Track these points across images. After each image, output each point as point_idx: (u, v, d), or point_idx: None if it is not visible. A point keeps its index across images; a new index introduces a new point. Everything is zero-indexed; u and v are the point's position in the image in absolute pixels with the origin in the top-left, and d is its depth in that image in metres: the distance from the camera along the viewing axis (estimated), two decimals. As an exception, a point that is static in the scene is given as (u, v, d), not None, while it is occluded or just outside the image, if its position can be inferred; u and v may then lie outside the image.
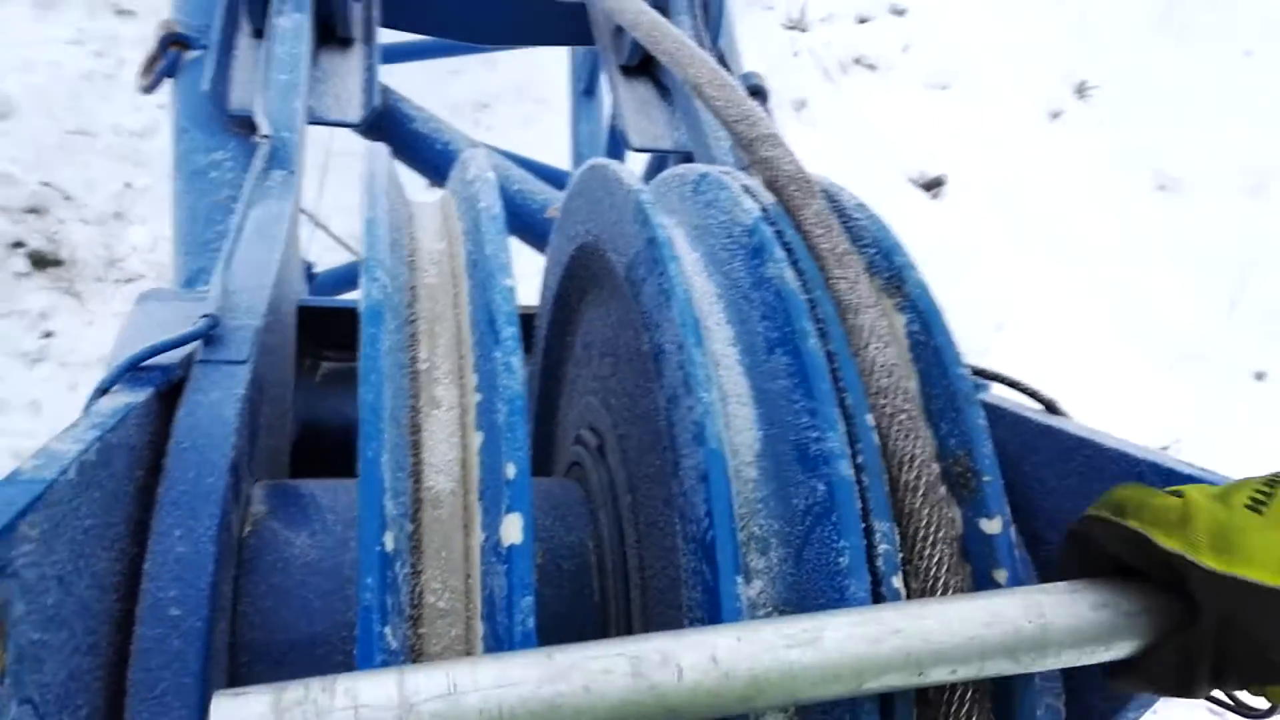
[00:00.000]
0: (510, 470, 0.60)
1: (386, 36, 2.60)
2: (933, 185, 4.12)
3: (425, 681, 0.49)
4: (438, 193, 1.06)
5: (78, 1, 3.98)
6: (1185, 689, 0.60)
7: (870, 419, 0.67)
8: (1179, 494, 0.61)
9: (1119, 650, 0.59)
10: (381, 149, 0.83)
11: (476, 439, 0.64)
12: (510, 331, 0.64)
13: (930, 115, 4.45)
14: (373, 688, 0.49)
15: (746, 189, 0.84)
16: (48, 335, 2.93)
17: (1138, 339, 3.52)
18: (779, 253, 0.75)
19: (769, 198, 0.84)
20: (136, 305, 1.01)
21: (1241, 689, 0.59)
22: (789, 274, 0.73)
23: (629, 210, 0.81)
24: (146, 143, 3.52)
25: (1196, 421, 3.16)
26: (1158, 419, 3.14)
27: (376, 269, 0.66)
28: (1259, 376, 3.44)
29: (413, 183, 1.58)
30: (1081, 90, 4.54)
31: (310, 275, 2.21)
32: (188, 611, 0.69)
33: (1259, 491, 0.58)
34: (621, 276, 0.83)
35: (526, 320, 1.32)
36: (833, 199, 0.86)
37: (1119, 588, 0.60)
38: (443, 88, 4.26)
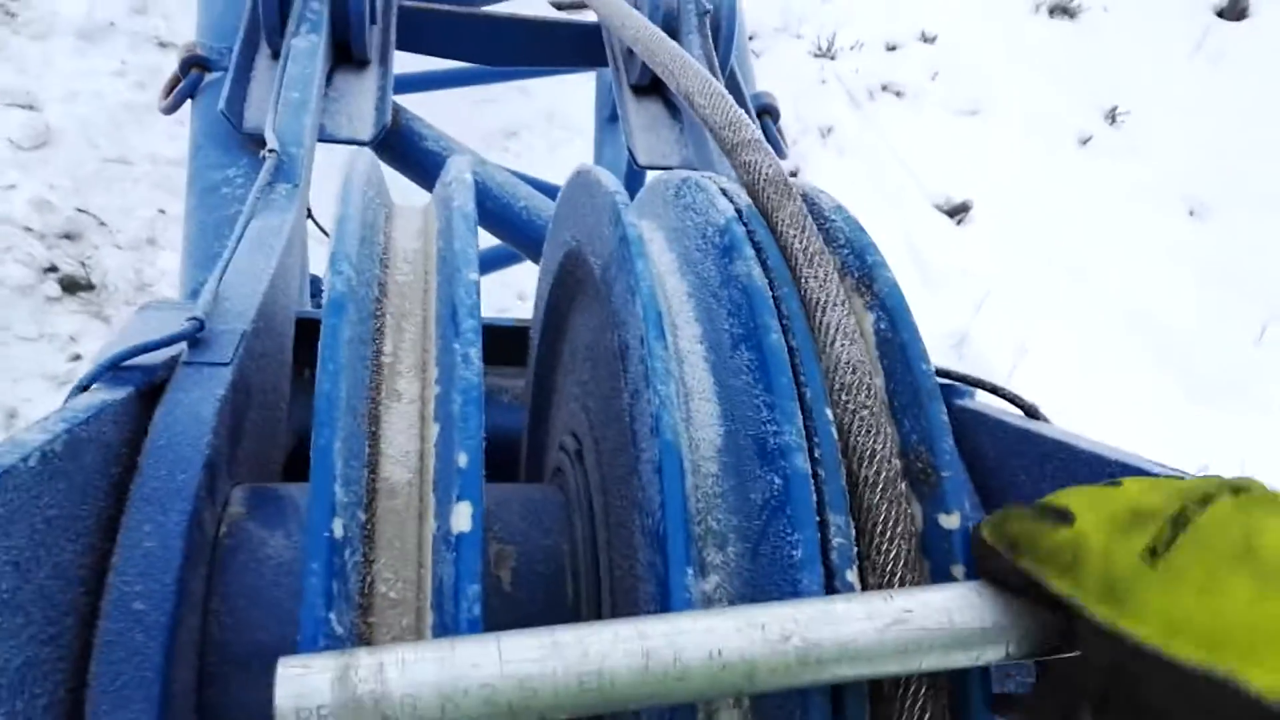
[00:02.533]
0: (462, 459, 0.60)
1: (417, 65, 2.67)
2: (958, 211, 4.10)
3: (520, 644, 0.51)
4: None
5: (122, 34, 4.09)
6: None
7: (830, 414, 0.66)
8: (1068, 516, 0.58)
9: (1010, 653, 0.58)
10: (366, 153, 0.84)
11: (434, 431, 0.64)
12: (470, 324, 0.65)
13: (958, 141, 4.43)
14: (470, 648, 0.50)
15: (724, 191, 0.85)
16: (76, 358, 3.00)
17: (1165, 365, 3.46)
18: (748, 251, 0.75)
19: (745, 200, 0.84)
20: (135, 313, 1.04)
21: None
22: (756, 271, 0.73)
23: (606, 212, 0.82)
24: (181, 171, 3.59)
25: (1224, 448, 3.09)
26: (1185, 446, 3.08)
27: (342, 262, 0.67)
28: (1291, 405, 3.37)
29: (423, 199, 1.60)
30: (1113, 116, 4.50)
31: (320, 290, 2.24)
32: (152, 606, 0.69)
33: (1159, 535, 0.54)
34: (598, 278, 0.84)
35: (522, 333, 1.34)
36: (811, 202, 0.86)
37: (1006, 600, 0.59)
38: (474, 116, 4.32)
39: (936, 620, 0.56)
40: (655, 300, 0.69)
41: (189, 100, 1.62)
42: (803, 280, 0.75)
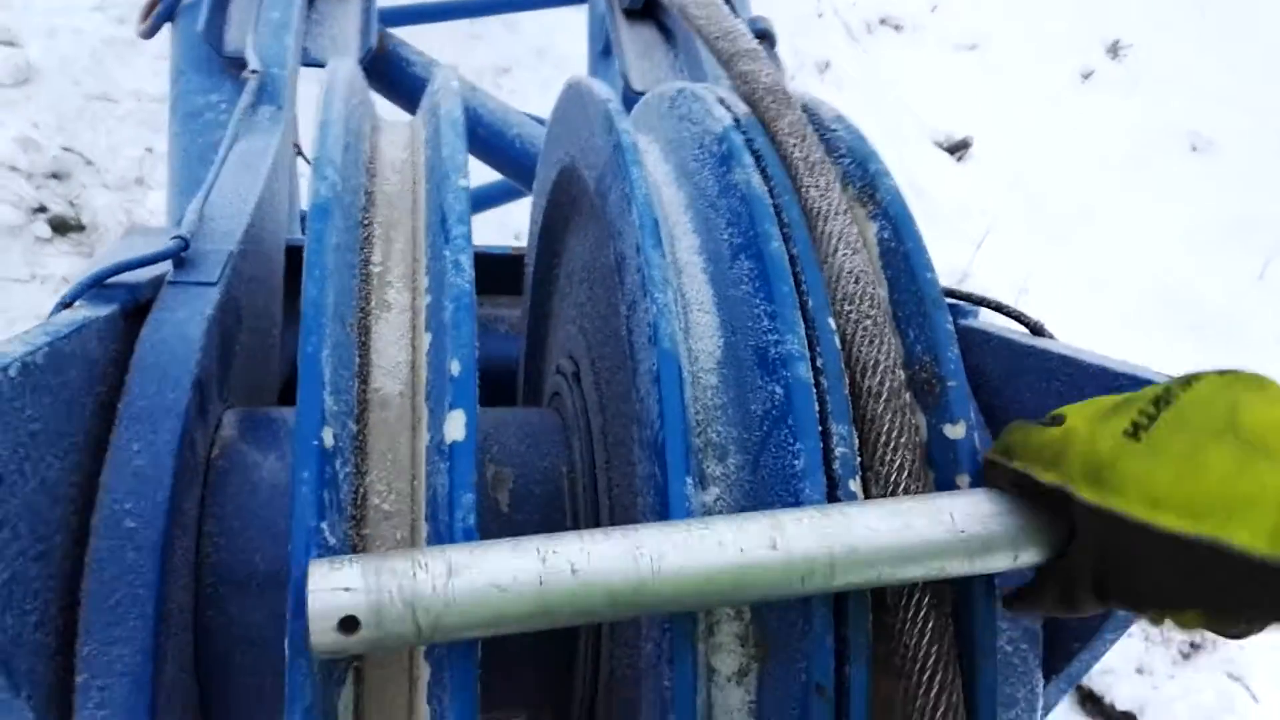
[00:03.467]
0: (455, 367, 0.58)
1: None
2: (958, 148, 4.05)
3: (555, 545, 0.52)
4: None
5: (100, -32, 3.98)
6: (1071, 607, 0.59)
7: (832, 323, 0.65)
8: (1060, 420, 0.59)
9: (1018, 559, 0.58)
10: (348, 61, 0.81)
11: (426, 340, 0.62)
12: (460, 230, 0.63)
13: (957, 76, 4.36)
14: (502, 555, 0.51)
15: (721, 100, 0.82)
16: (69, 298, 2.96)
17: (1165, 304, 3.44)
18: (747, 159, 0.73)
19: (743, 109, 0.81)
20: (120, 237, 1.01)
21: (1120, 608, 0.58)
22: (756, 179, 0.71)
23: (598, 121, 0.79)
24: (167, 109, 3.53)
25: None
26: (1185, 380, 3.07)
27: (326, 167, 0.64)
28: (1290, 340, 3.36)
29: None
30: (1115, 50, 4.43)
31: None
32: (144, 524, 0.68)
33: (1141, 413, 0.55)
34: (593, 191, 0.81)
35: (517, 262, 1.31)
36: (811, 111, 0.83)
37: (1011, 506, 0.59)
38: (464, 52, 4.23)
39: (951, 525, 0.56)
40: (651, 207, 0.67)
41: (168, 25, 1.57)
42: (803, 189, 0.72)
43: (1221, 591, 0.51)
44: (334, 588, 0.48)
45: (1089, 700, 2.52)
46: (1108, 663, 2.57)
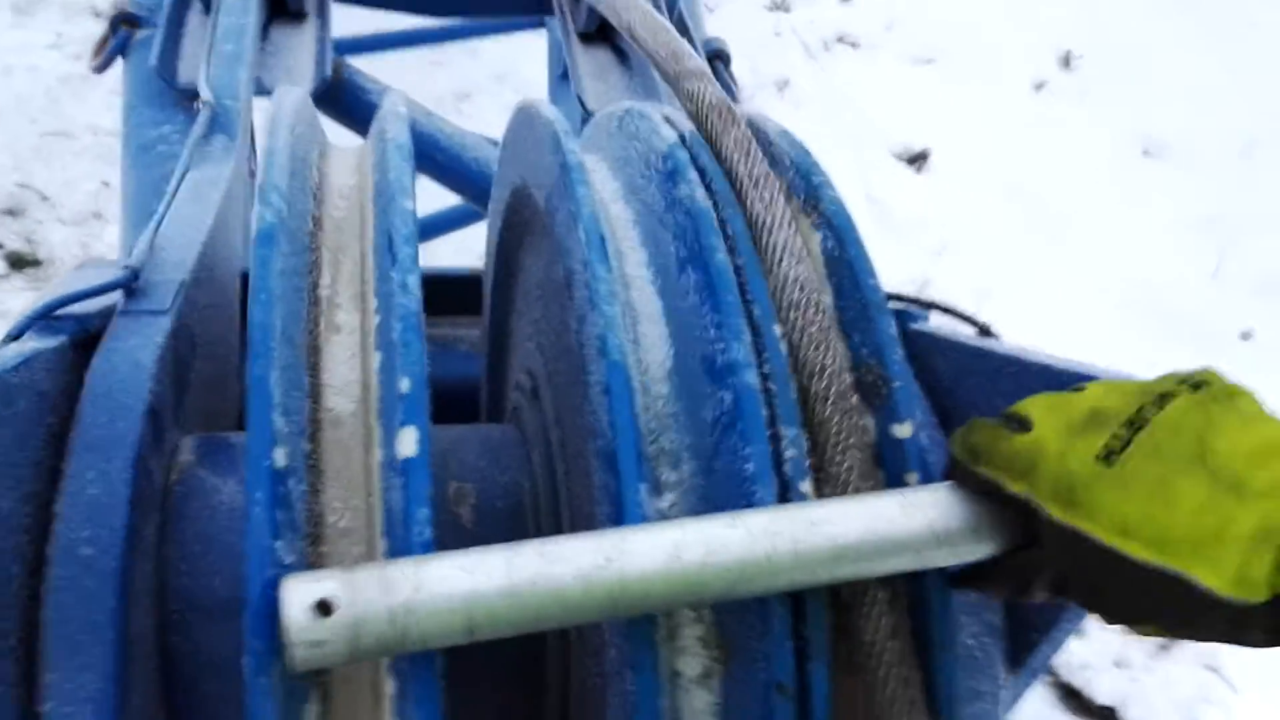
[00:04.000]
0: (404, 384, 0.59)
1: (361, 27, 2.60)
2: (917, 159, 4.10)
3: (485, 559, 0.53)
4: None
5: (55, 5, 3.97)
6: (1023, 595, 0.61)
7: (778, 329, 0.66)
8: (1028, 424, 0.59)
9: (972, 554, 0.59)
10: (295, 91, 0.82)
11: (376, 360, 0.63)
12: (407, 251, 0.63)
13: (914, 90, 4.42)
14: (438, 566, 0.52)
15: (667, 119, 0.83)
16: (28, 335, 2.92)
17: (1125, 303, 3.49)
18: (692, 175, 0.74)
19: (689, 126, 0.83)
20: (71, 271, 1.01)
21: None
22: (700, 194, 0.72)
23: (546, 142, 0.80)
24: (124, 142, 3.51)
25: (1184, 382, 3.13)
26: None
27: (271, 193, 0.65)
28: (1245, 336, 3.42)
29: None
30: (1067, 60, 4.52)
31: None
32: (101, 551, 0.68)
33: (1115, 437, 0.55)
34: (542, 209, 0.82)
35: (476, 282, 1.32)
36: (756, 127, 0.85)
37: (975, 499, 0.60)
38: (425, 79, 4.24)
39: (913, 520, 0.57)
40: (597, 224, 0.68)
41: (120, 60, 1.57)
42: (748, 202, 0.74)
43: (1183, 618, 0.53)
44: (310, 601, 0.49)
45: (1070, 696, 2.54)
46: (1086, 657, 2.59)
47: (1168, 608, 0.53)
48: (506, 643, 0.53)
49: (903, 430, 0.64)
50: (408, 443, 0.57)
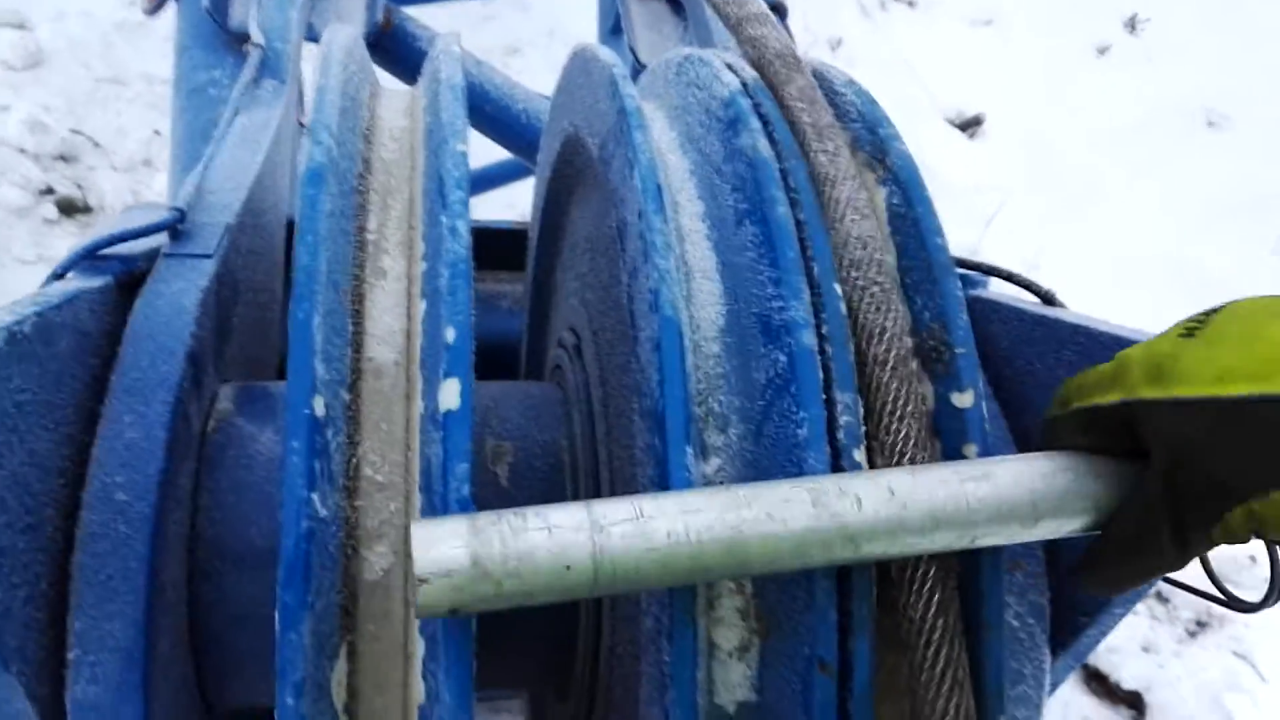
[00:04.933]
0: (449, 334, 0.57)
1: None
2: (970, 125, 4.00)
3: (611, 510, 0.50)
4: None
5: (110, -51, 3.97)
6: (1151, 556, 0.56)
7: (838, 288, 0.63)
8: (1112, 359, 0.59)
9: (1080, 520, 0.56)
10: (346, 28, 0.79)
11: (421, 308, 0.61)
12: (458, 195, 0.61)
13: (971, 52, 4.30)
14: (563, 513, 0.50)
15: (729, 65, 0.80)
16: (78, 279, 2.96)
17: (1179, 278, 3.39)
18: (754, 124, 0.71)
19: (751, 74, 0.79)
20: (120, 213, 1.00)
21: (1206, 547, 0.55)
22: (763, 144, 0.69)
23: (603, 87, 0.77)
24: (175, 90, 3.52)
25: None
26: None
27: (321, 132, 0.63)
28: (1308, 317, 3.31)
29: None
30: (1132, 24, 4.36)
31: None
32: (135, 497, 0.67)
33: (1192, 320, 0.56)
34: (596, 158, 0.79)
35: (521, 236, 1.30)
36: (821, 76, 0.81)
37: (1078, 457, 0.58)
38: (474, 33, 4.20)
39: (1011, 491, 0.55)
40: (654, 171, 0.65)
41: (173, 3, 1.55)
42: (812, 154, 0.70)
43: None
44: (442, 545, 0.48)
45: (1095, 679, 2.50)
46: (1113, 641, 2.55)
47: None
48: (539, 608, 0.51)
49: (964, 399, 0.61)
50: (450, 395, 0.55)
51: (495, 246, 1.38)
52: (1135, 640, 2.57)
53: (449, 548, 0.47)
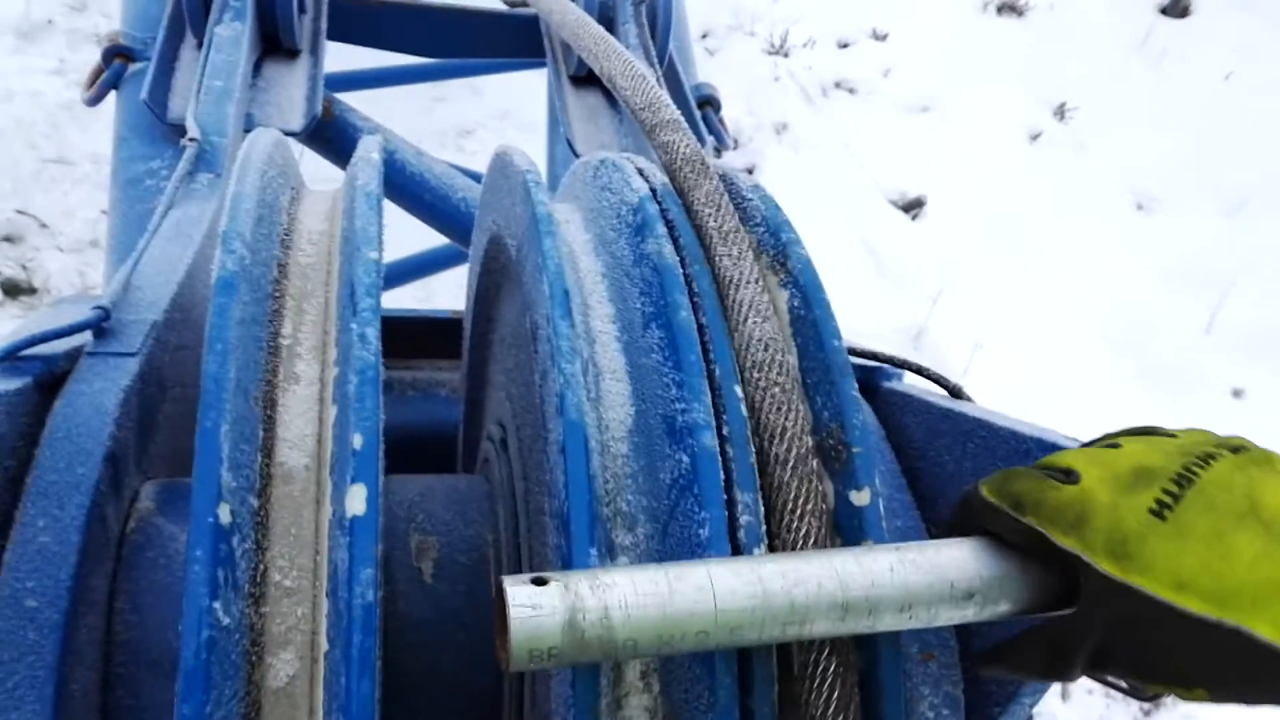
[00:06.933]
0: (357, 441, 0.58)
1: (362, 60, 2.62)
2: (913, 206, 4.12)
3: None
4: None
5: (60, 32, 4.01)
6: (1056, 673, 0.59)
7: (739, 391, 0.65)
8: (1074, 476, 0.59)
9: (1003, 610, 0.58)
10: (269, 132, 0.82)
11: (332, 414, 0.62)
12: (368, 303, 0.63)
13: (911, 137, 4.45)
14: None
15: (640, 171, 0.83)
16: (18, 361, 2.92)
17: (1119, 355, 3.49)
18: (660, 229, 0.74)
19: (661, 179, 0.82)
20: (47, 306, 1.00)
21: (1120, 679, 0.57)
22: (667, 249, 0.72)
23: (518, 192, 0.80)
24: (124, 171, 3.52)
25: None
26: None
27: (233, 241, 0.64)
28: (1236, 394, 3.42)
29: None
30: (1061, 112, 4.55)
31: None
32: (46, 604, 0.66)
33: (1165, 493, 0.55)
34: (514, 260, 0.82)
35: (458, 325, 1.31)
36: (729, 181, 0.84)
37: (1008, 553, 0.59)
38: (427, 115, 4.27)
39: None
40: (562, 278, 0.68)
41: (113, 93, 1.57)
42: (716, 258, 0.73)
43: (1238, 675, 0.52)
44: (533, 607, 0.49)
45: (1054, 758, 2.51)
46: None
47: (1224, 663, 0.52)
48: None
49: (860, 497, 0.63)
50: (356, 500, 0.56)
51: (435, 335, 1.39)
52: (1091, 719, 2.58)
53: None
